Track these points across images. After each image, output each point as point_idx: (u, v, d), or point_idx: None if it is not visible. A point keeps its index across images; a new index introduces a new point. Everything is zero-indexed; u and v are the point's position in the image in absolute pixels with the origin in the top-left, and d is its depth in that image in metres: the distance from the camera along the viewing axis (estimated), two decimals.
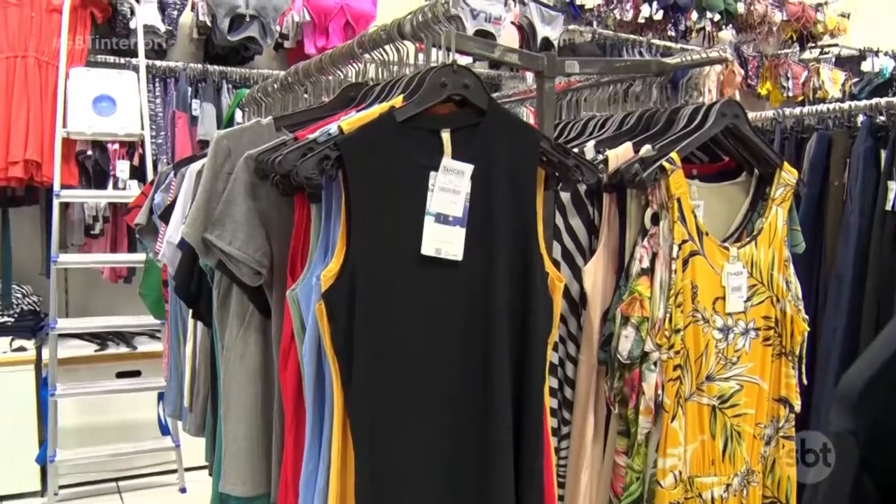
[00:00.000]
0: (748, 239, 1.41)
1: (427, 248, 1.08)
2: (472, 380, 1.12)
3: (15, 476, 3.08)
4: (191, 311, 1.66)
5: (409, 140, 1.08)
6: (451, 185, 1.08)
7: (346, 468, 1.10)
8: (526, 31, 3.80)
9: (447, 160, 1.09)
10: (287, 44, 3.66)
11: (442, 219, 1.08)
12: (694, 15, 4.33)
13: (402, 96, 1.10)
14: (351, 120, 1.09)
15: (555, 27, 3.81)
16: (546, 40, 3.81)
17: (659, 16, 4.23)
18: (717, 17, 4.33)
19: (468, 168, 1.10)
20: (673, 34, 4.32)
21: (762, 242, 1.41)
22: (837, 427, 0.55)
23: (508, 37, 3.68)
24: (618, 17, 4.19)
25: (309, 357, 1.11)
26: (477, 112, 1.13)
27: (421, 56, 1.30)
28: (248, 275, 1.21)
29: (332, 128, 1.07)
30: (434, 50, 1.20)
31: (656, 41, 4.29)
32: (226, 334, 1.36)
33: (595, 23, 4.23)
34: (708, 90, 3.68)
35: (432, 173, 1.08)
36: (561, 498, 1.43)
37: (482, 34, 3.64)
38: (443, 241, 1.09)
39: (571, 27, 4.02)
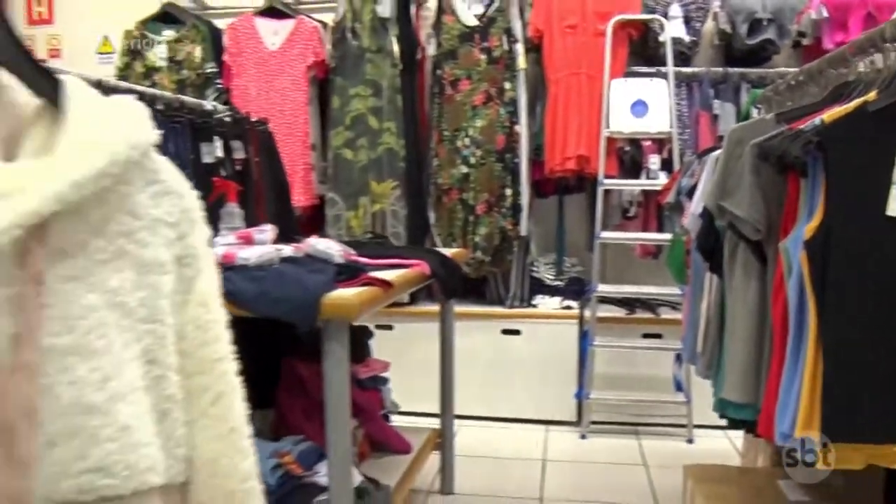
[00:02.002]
0: None
1: (892, 210, 1.37)
2: None
3: (558, 406, 3.81)
4: (708, 268, 2.10)
5: (879, 126, 1.38)
6: None
7: (815, 380, 1.43)
8: None
9: None
10: (804, 41, 3.77)
11: None
12: None
13: (875, 91, 1.40)
14: (832, 113, 1.42)
15: None
16: None
17: None
18: None
19: None
20: None
21: None
22: None
23: None
24: None
25: (793, 294, 1.47)
26: None
27: None
28: (750, 231, 1.62)
29: (817, 120, 1.42)
30: None
31: None
32: (733, 280, 1.78)
33: None
34: None
35: None
36: None
37: None
38: None
39: None
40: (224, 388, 0.80)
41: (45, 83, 0.68)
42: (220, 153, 2.71)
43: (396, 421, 2.90)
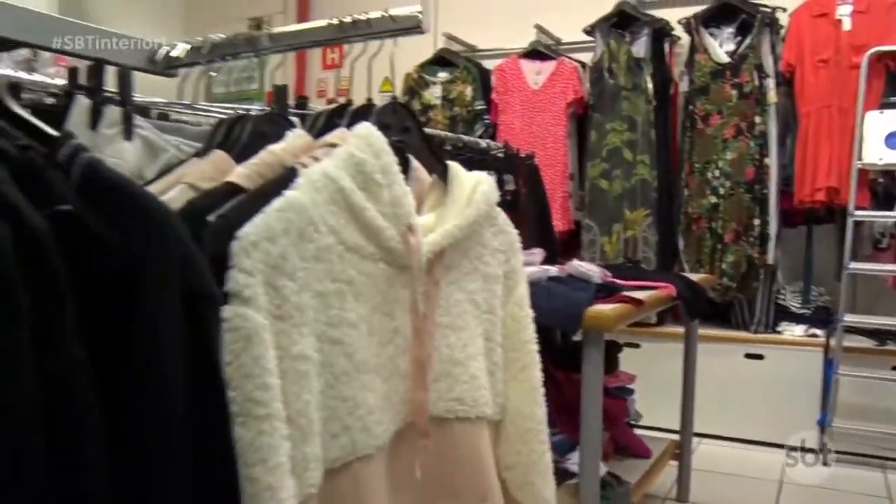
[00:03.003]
0: None
1: None
2: None
3: (798, 432, 3.82)
4: None
5: None
6: None
7: None
8: None
9: None
10: None
11: None
12: None
13: None
14: None
15: None
16: None
17: None
18: None
19: None
20: None
21: None
22: None
23: None
24: None
25: None
26: None
27: None
28: None
29: None
30: None
31: None
32: None
33: None
34: None
35: None
36: None
37: None
38: None
39: None
40: (528, 361, 1.21)
41: (437, 165, 1.12)
42: None
43: (637, 432, 3.16)
